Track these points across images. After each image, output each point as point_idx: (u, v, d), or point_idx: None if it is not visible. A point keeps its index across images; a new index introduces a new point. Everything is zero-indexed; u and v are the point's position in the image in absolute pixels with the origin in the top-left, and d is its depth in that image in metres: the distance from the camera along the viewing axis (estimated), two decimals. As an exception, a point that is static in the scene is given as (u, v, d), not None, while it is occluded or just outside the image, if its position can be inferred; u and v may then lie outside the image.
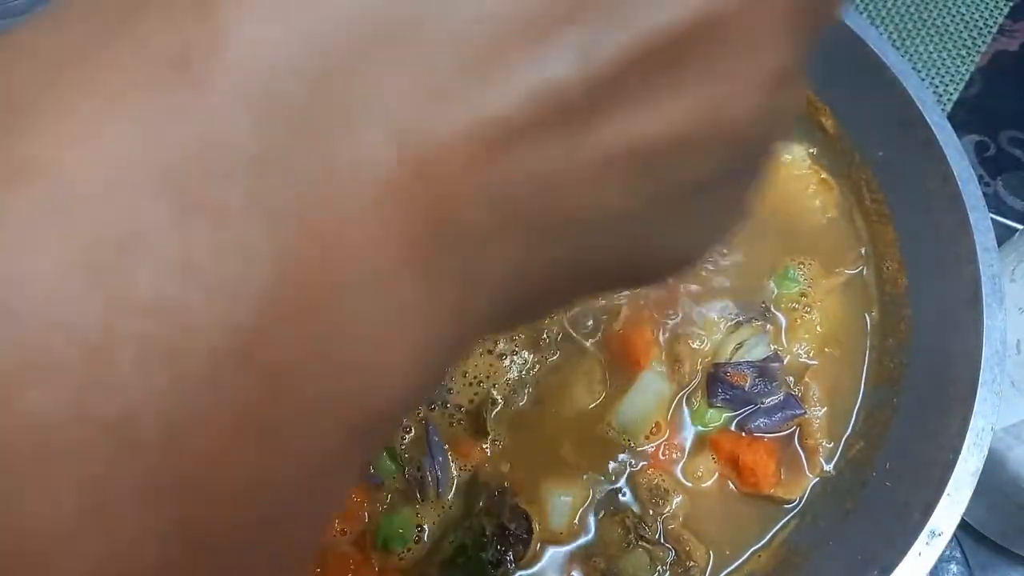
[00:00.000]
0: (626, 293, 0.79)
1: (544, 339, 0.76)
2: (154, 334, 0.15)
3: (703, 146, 0.20)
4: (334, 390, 0.17)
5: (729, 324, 0.77)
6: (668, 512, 0.71)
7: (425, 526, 0.71)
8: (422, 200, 0.17)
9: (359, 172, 0.16)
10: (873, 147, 0.83)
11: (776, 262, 0.82)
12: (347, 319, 0.16)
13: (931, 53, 1.17)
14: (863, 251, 0.83)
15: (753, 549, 0.72)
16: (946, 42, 1.18)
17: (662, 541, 0.70)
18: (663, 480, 0.72)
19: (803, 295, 0.80)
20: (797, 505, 0.73)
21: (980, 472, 0.62)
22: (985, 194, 0.73)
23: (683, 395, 0.75)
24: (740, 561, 0.72)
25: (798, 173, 0.87)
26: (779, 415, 0.75)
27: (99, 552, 0.15)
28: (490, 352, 0.75)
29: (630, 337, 0.76)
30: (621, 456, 0.73)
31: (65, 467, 0.14)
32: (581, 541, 0.71)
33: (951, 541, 0.62)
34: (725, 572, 0.71)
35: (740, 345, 0.76)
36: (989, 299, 0.68)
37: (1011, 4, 1.20)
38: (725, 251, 0.82)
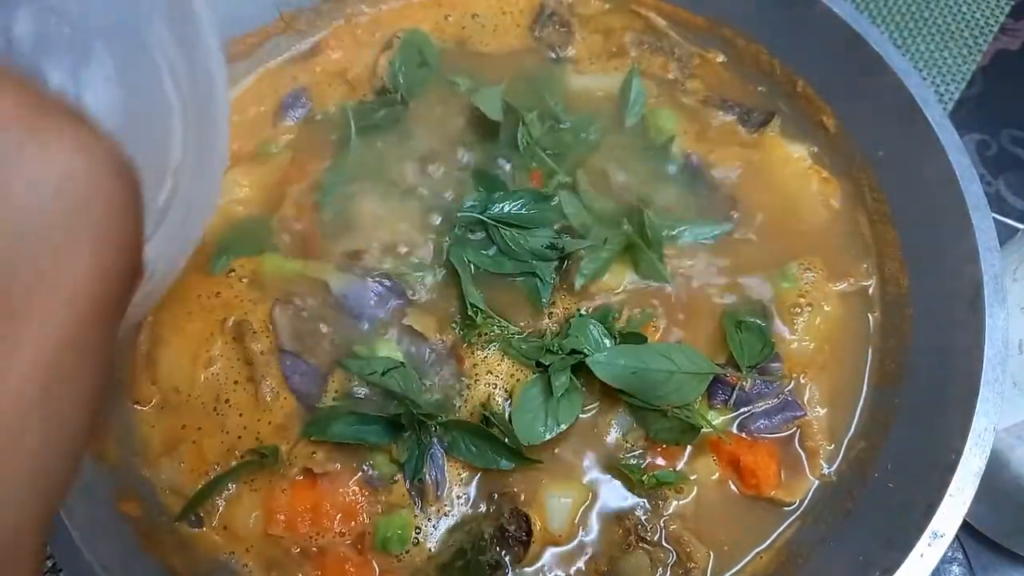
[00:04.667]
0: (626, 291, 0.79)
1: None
2: None
3: None
4: None
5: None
6: (669, 513, 0.71)
7: (423, 528, 0.71)
8: None
9: None
10: (875, 146, 0.83)
11: (777, 262, 0.81)
12: None
13: (933, 52, 1.17)
14: (869, 263, 0.82)
15: (755, 551, 0.72)
16: (948, 41, 1.17)
17: (663, 542, 0.70)
18: (664, 481, 0.72)
19: (803, 295, 0.79)
20: (798, 507, 0.73)
21: (982, 473, 0.62)
22: (987, 193, 0.73)
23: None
24: (742, 563, 0.71)
25: (800, 172, 0.87)
26: (780, 416, 0.74)
27: None
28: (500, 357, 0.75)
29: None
30: (622, 457, 0.73)
31: None
32: (581, 542, 0.70)
33: (953, 542, 0.61)
34: (726, 573, 0.71)
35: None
36: (991, 299, 0.67)
37: (1012, 3, 1.19)
38: (725, 248, 0.82)
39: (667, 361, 0.70)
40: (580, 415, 0.73)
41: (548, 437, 0.70)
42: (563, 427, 0.70)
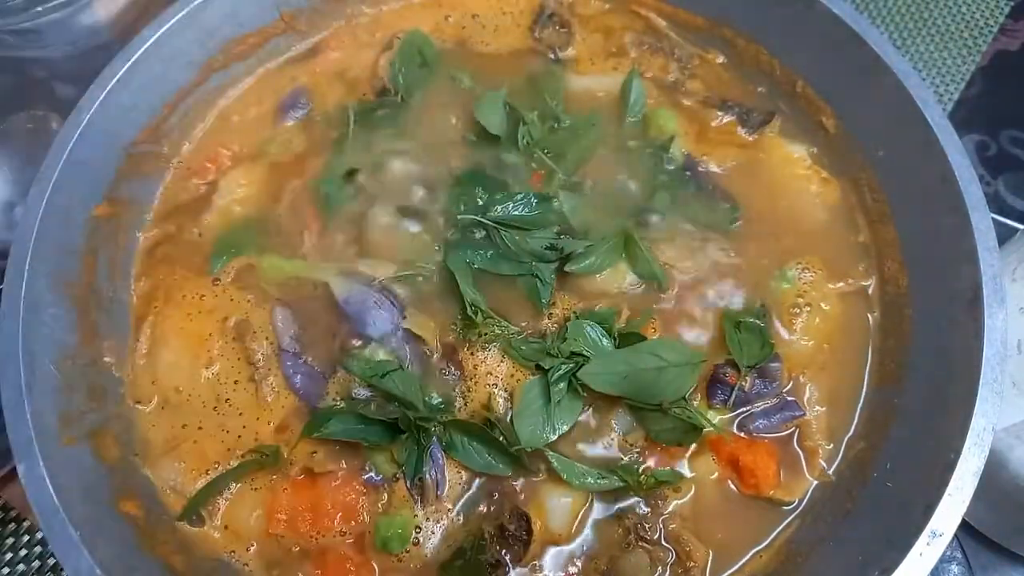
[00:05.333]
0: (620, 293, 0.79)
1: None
2: None
3: None
4: None
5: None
6: (668, 513, 0.71)
7: (424, 528, 0.71)
8: None
9: None
10: (874, 146, 0.83)
11: (777, 262, 0.81)
12: None
13: (932, 53, 1.17)
14: (868, 263, 0.82)
15: (754, 550, 0.72)
16: (947, 42, 1.17)
17: (662, 542, 0.70)
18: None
19: (802, 295, 0.80)
20: (797, 506, 0.73)
21: (981, 472, 0.62)
22: (986, 194, 0.73)
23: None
24: (741, 562, 0.71)
25: (800, 172, 0.87)
26: (779, 416, 0.74)
27: None
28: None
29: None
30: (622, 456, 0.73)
31: None
32: (581, 542, 0.71)
33: (952, 541, 0.62)
34: (726, 572, 0.71)
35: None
36: (990, 299, 0.67)
37: (1012, 4, 1.20)
38: (725, 248, 0.82)
39: (655, 359, 0.71)
40: (580, 416, 0.73)
41: (549, 440, 0.70)
42: (563, 429, 0.70)
